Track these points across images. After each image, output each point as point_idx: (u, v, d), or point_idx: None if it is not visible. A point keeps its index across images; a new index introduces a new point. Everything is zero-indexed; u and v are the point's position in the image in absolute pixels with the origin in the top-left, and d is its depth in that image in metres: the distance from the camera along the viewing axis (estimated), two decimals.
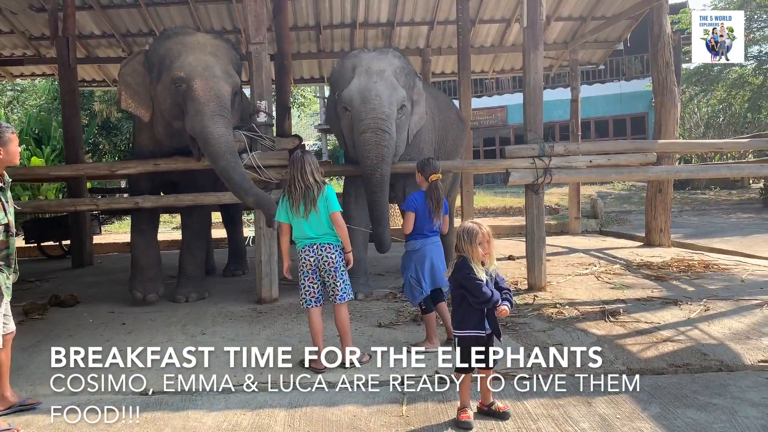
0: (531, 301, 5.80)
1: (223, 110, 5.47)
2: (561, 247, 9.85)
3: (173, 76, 5.54)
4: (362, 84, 5.52)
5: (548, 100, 21.62)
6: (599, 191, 17.37)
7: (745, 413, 3.23)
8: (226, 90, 5.60)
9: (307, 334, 4.92)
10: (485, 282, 3.22)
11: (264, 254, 6.02)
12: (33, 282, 7.93)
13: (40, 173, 9.20)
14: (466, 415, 3.21)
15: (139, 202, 5.99)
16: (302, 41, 11.83)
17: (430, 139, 6.49)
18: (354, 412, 3.44)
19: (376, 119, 5.37)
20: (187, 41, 5.78)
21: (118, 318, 5.68)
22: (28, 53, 11.46)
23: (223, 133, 5.39)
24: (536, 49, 6.16)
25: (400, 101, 5.58)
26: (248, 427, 3.29)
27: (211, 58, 5.65)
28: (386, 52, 5.87)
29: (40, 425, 3.45)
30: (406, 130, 5.84)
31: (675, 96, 9.23)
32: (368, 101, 5.43)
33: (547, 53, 12.74)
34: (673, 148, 7.78)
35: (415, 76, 6.02)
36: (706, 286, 6.24)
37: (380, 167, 5.39)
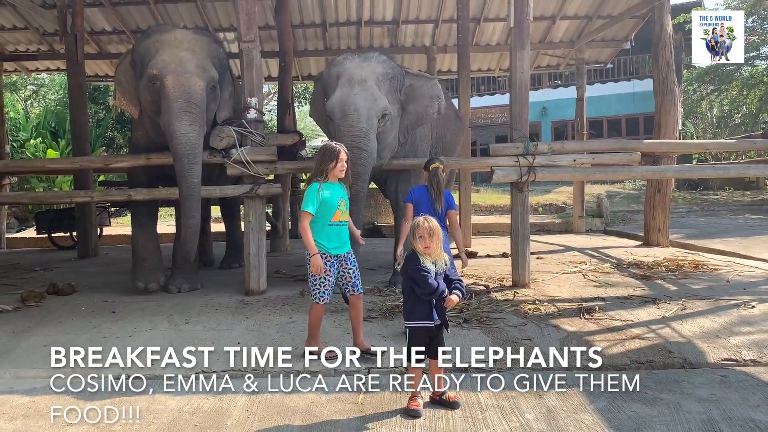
0: (511, 297, 5.88)
1: (190, 107, 5.65)
2: (558, 245, 9.90)
3: (149, 74, 5.77)
4: (343, 96, 5.63)
5: (561, 98, 21.53)
6: (608, 190, 17.30)
7: (689, 408, 3.30)
8: (198, 85, 5.77)
9: (285, 325, 5.08)
10: (433, 274, 3.34)
11: (252, 247, 6.18)
12: (37, 271, 8.19)
13: (37, 166, 9.47)
14: (416, 404, 3.33)
15: (132, 195, 6.20)
16: (309, 39, 11.99)
17: (426, 136, 6.60)
18: (312, 399, 3.57)
19: (352, 137, 5.48)
20: (164, 39, 5.97)
21: (110, 306, 5.88)
22: (43, 48, 11.77)
23: (186, 131, 5.61)
24: (523, 48, 6.24)
25: (380, 112, 5.66)
26: (209, 410, 3.44)
27: (186, 54, 5.82)
28: (369, 59, 5.91)
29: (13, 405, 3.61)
30: (394, 131, 5.96)
31: (675, 96, 9.22)
32: (347, 116, 5.56)
33: (554, 52, 12.79)
34: (658, 148, 7.78)
35: (405, 77, 6.09)
36: (690, 285, 6.27)
37: (356, 184, 5.52)
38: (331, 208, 4.16)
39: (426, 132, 6.65)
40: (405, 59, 13.25)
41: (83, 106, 9.57)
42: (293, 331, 4.87)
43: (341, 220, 4.21)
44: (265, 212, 6.42)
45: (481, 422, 3.20)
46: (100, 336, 4.87)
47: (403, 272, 3.49)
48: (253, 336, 4.79)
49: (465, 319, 5.09)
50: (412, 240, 3.39)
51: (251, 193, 6.10)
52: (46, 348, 4.59)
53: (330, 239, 4.18)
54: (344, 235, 4.26)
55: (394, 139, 6.00)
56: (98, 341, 4.73)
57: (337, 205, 4.17)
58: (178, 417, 3.34)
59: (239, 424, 3.24)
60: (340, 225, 4.21)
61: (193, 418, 3.32)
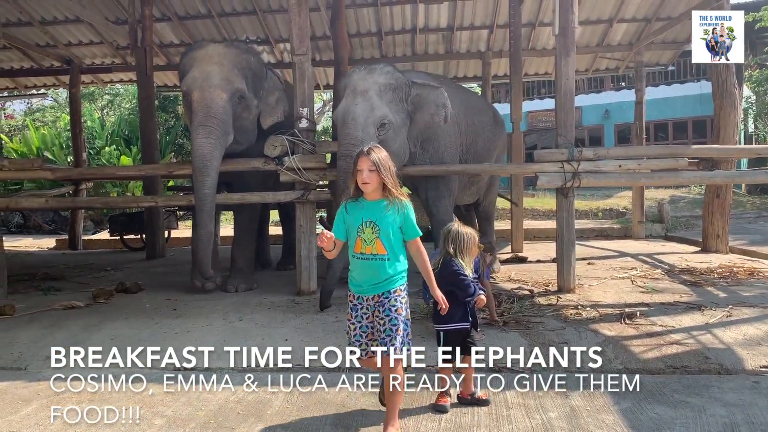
0: (554, 302, 5.95)
1: (208, 120, 6.07)
2: (613, 251, 9.81)
3: (182, 90, 6.33)
4: (345, 106, 5.88)
5: (625, 101, 21.02)
6: (673, 195, 16.88)
7: (713, 412, 3.35)
8: (220, 98, 6.16)
9: (331, 324, 5.34)
10: (470, 277, 3.54)
11: (303, 249, 6.47)
12: (108, 271, 8.78)
13: (108, 173, 10.14)
14: (444, 400, 3.51)
15: (192, 200, 6.59)
16: (365, 47, 12.30)
17: (453, 144, 6.69)
18: (348, 392, 3.80)
19: (347, 146, 5.70)
20: (197, 55, 6.45)
21: (172, 304, 6.29)
22: (116, 61, 12.53)
23: (200, 145, 6.04)
24: (567, 55, 6.29)
25: (379, 120, 5.79)
26: (252, 400, 3.72)
27: (214, 68, 6.25)
28: (373, 71, 6.04)
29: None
30: (399, 141, 6.06)
31: (735, 99, 9.00)
32: (346, 125, 5.80)
33: (612, 55, 12.66)
34: (705, 153, 7.66)
35: (411, 87, 6.17)
36: (741, 293, 6.17)
37: (348, 190, 5.72)
38: (352, 236, 3.26)
39: (452, 138, 6.72)
40: (460, 65, 13.45)
41: (152, 116, 10.17)
42: (338, 330, 5.11)
43: (364, 252, 3.19)
44: (315, 217, 6.70)
45: (504, 419, 3.35)
46: (161, 331, 5.26)
47: (440, 277, 3.54)
48: (299, 334, 5.07)
49: (505, 322, 5.21)
50: (448, 245, 3.59)
51: (302, 199, 6.40)
52: (113, 341, 5.01)
53: (354, 274, 3.30)
54: (374, 271, 3.20)
55: (401, 147, 6.12)
56: (159, 336, 5.13)
57: (358, 231, 3.21)
58: (224, 405, 3.63)
59: (279, 413, 3.50)
60: (363, 258, 3.20)
61: (237, 407, 3.60)
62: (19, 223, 16.54)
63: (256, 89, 6.66)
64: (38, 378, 4.22)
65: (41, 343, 4.99)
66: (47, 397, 3.84)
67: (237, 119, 6.45)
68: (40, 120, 20.76)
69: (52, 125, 19.68)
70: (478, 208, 7.86)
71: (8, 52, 12.13)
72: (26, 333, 5.27)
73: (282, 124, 6.82)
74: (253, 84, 6.61)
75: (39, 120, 20.75)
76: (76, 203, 10.05)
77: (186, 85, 6.28)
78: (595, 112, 21.44)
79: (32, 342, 5.02)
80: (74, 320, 5.63)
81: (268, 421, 3.39)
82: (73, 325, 5.43)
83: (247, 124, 6.66)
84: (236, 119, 6.43)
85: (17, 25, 10.97)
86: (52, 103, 22.62)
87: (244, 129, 6.63)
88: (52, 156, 16.49)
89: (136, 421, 3.39)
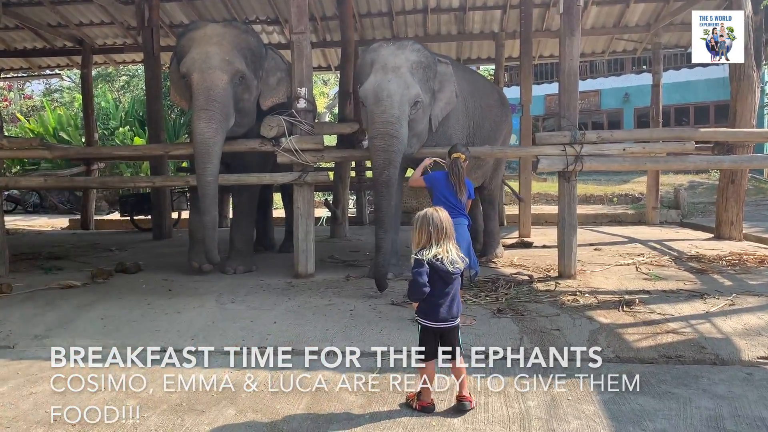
0: (553, 288, 5.83)
1: (209, 103, 5.94)
2: (623, 237, 9.63)
3: (181, 72, 6.14)
4: (377, 82, 5.71)
5: (645, 84, 20.51)
6: (691, 180, 16.51)
7: (699, 404, 3.22)
8: (221, 80, 6.02)
9: (323, 307, 5.27)
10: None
11: (301, 232, 6.41)
12: (113, 251, 8.81)
13: (104, 153, 10.24)
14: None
15: (190, 181, 6.56)
16: (376, 28, 12.10)
17: (460, 125, 6.58)
18: (327, 376, 3.72)
19: (385, 124, 5.60)
20: (196, 36, 6.28)
21: (168, 285, 6.29)
22: (128, 42, 12.50)
23: (201, 130, 5.92)
24: (572, 35, 6.11)
25: (413, 98, 5.72)
26: (227, 384, 3.64)
27: (213, 48, 6.07)
28: (404, 47, 5.96)
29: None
30: (425, 120, 6.02)
31: (753, 81, 8.73)
32: (380, 102, 5.64)
33: (630, 36, 12.34)
34: (713, 137, 7.41)
35: (438, 64, 6.12)
36: (748, 281, 6.00)
37: (387, 170, 5.66)
38: None
39: (460, 120, 6.61)
40: (473, 46, 13.20)
41: (158, 97, 10.15)
42: (328, 314, 5.06)
43: None
44: (313, 199, 6.63)
45: (482, 407, 3.26)
46: (151, 311, 5.24)
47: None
48: (289, 316, 5.01)
49: (499, 309, 5.11)
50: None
51: (299, 181, 6.32)
52: (103, 321, 5.02)
53: None
54: None
55: (425, 128, 6.05)
56: (149, 316, 5.11)
57: None
58: (198, 388, 3.58)
59: (252, 396, 3.44)
60: None
61: (211, 390, 3.55)
62: (35, 203, 16.76)
63: (255, 70, 6.56)
64: (20, 357, 4.21)
65: (32, 322, 5.01)
66: (25, 377, 3.82)
67: (238, 101, 6.35)
68: (58, 101, 20.91)
69: (69, 106, 19.81)
70: (483, 192, 7.73)
71: (21, 32, 12.17)
72: (19, 311, 5.29)
73: (285, 105, 6.72)
74: (253, 64, 6.51)
75: (56, 101, 20.90)
76: (74, 183, 10.11)
77: (185, 67, 6.15)
78: (614, 96, 21.00)
79: (23, 321, 5.03)
80: (69, 299, 5.64)
81: (240, 404, 3.34)
82: (66, 305, 5.44)
83: (248, 105, 6.57)
84: (237, 101, 6.34)
85: (28, 4, 10.96)
86: (70, 83, 22.77)
87: (245, 111, 6.53)
88: (68, 136, 16.62)
89: (107, 402, 3.34)
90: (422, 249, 3.18)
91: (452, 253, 3.17)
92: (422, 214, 3.23)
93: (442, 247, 3.15)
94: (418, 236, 3.20)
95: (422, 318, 3.23)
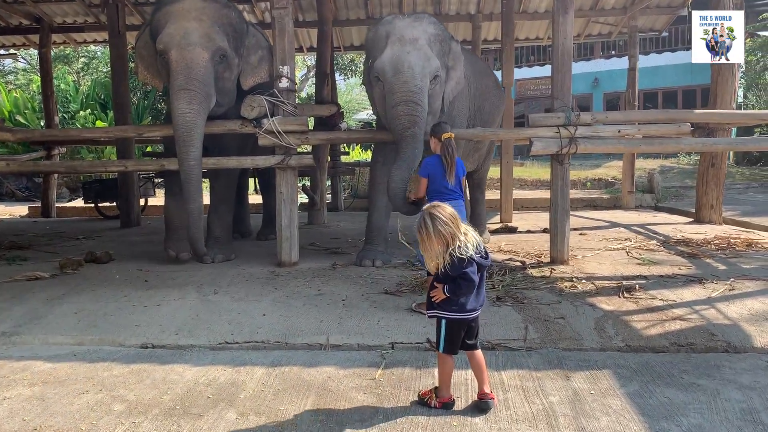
0: (548, 273, 5.67)
1: (190, 83, 5.59)
2: (604, 221, 9.57)
3: (158, 49, 5.76)
4: (395, 54, 5.38)
5: (615, 69, 20.62)
6: (662, 165, 16.67)
7: (728, 396, 3.07)
8: (202, 57, 5.68)
9: (313, 297, 5.01)
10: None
11: (284, 218, 6.10)
12: (79, 239, 8.36)
13: (72, 135, 9.75)
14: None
15: (165, 164, 6.18)
16: (351, 8, 11.74)
17: (464, 107, 6.34)
18: (330, 373, 3.48)
19: (407, 92, 5.27)
20: (173, 10, 5.86)
21: (143, 275, 5.91)
22: (89, 20, 11.87)
23: (182, 111, 5.58)
24: (566, 12, 5.91)
25: (433, 72, 5.44)
26: (224, 382, 3.38)
27: (192, 24, 5.71)
28: (421, 19, 5.67)
29: (36, 371, 3.64)
30: (440, 98, 5.73)
31: (734, 66, 8.68)
32: (400, 73, 5.31)
33: (606, 19, 12.25)
34: (709, 118, 7.33)
35: (451, 41, 5.86)
36: (741, 265, 5.92)
37: (413, 127, 5.30)
38: None
39: (464, 102, 6.38)
40: (449, 27, 12.88)
41: (124, 78, 9.67)
42: (320, 304, 4.79)
43: None
44: (297, 184, 6.32)
45: (502, 404, 3.05)
46: (129, 304, 4.89)
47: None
48: (278, 308, 4.73)
49: (498, 297, 4.91)
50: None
51: (282, 164, 6.01)
52: (77, 315, 4.66)
53: None
54: None
55: (439, 107, 5.75)
56: (127, 310, 4.76)
57: None
58: (192, 388, 3.30)
59: (253, 397, 3.17)
60: None
61: (207, 390, 3.27)
62: None
63: (237, 47, 6.20)
64: None
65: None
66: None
67: (218, 80, 5.99)
68: (13, 83, 19.99)
69: (25, 88, 18.94)
70: (473, 175, 7.52)
71: None
72: None
73: (266, 85, 6.38)
74: (234, 41, 6.14)
75: (11, 83, 19.97)
76: (39, 167, 9.56)
77: (162, 43, 5.73)
78: (584, 80, 21.02)
79: None
80: (37, 292, 5.24)
81: (240, 406, 3.06)
82: (33, 299, 5.05)
83: (229, 85, 6.21)
84: (218, 80, 5.98)
85: None
86: (25, 65, 21.79)
87: (226, 90, 6.17)
88: (25, 120, 15.87)
89: (92, 408, 3.03)
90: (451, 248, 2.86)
91: (476, 237, 2.93)
92: (427, 221, 2.87)
93: (466, 236, 2.90)
94: (437, 242, 2.85)
95: (451, 312, 2.96)
